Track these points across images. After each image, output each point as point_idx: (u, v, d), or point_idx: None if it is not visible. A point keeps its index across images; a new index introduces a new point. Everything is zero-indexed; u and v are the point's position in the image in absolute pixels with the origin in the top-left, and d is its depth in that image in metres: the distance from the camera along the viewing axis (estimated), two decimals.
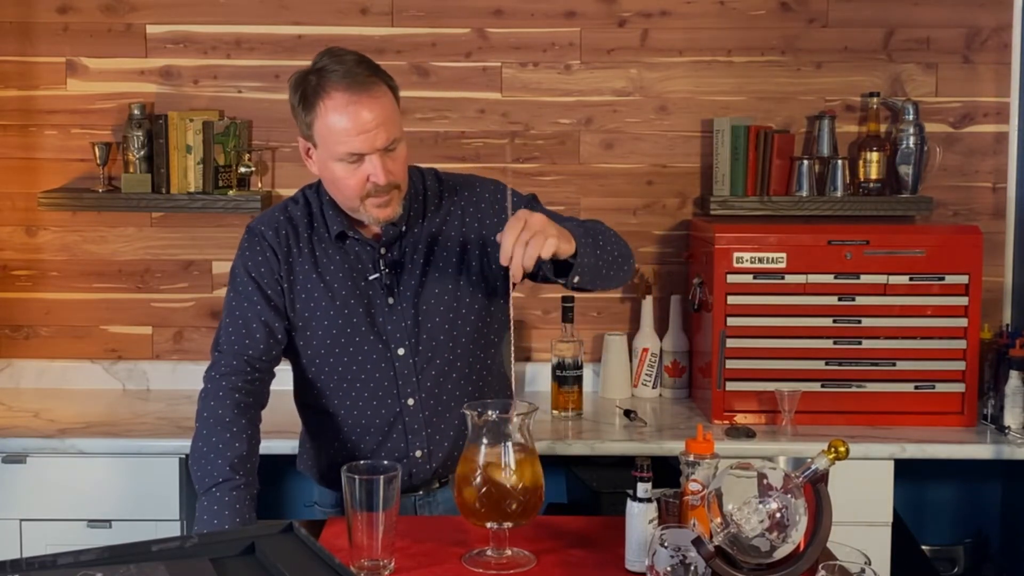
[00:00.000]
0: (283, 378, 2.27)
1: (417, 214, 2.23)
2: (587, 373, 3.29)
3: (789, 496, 1.68)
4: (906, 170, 3.32)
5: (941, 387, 3.04)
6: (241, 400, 2.13)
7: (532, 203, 2.25)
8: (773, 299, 3.04)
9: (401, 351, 2.20)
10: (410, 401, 2.20)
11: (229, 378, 2.15)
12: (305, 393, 2.29)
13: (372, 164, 2.07)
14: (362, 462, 1.85)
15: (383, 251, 2.20)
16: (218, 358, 2.18)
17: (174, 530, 2.87)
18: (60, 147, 3.42)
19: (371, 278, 2.19)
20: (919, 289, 3.03)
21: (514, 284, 1.98)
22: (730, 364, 3.05)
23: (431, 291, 2.20)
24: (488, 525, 1.85)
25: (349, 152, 2.06)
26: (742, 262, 3.02)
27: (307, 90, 2.09)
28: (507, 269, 1.93)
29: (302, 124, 2.12)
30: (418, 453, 2.22)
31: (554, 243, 1.93)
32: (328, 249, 2.21)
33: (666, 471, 2.46)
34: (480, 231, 2.23)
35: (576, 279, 2.06)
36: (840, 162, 3.33)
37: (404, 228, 2.20)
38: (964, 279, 3.02)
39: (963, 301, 3.02)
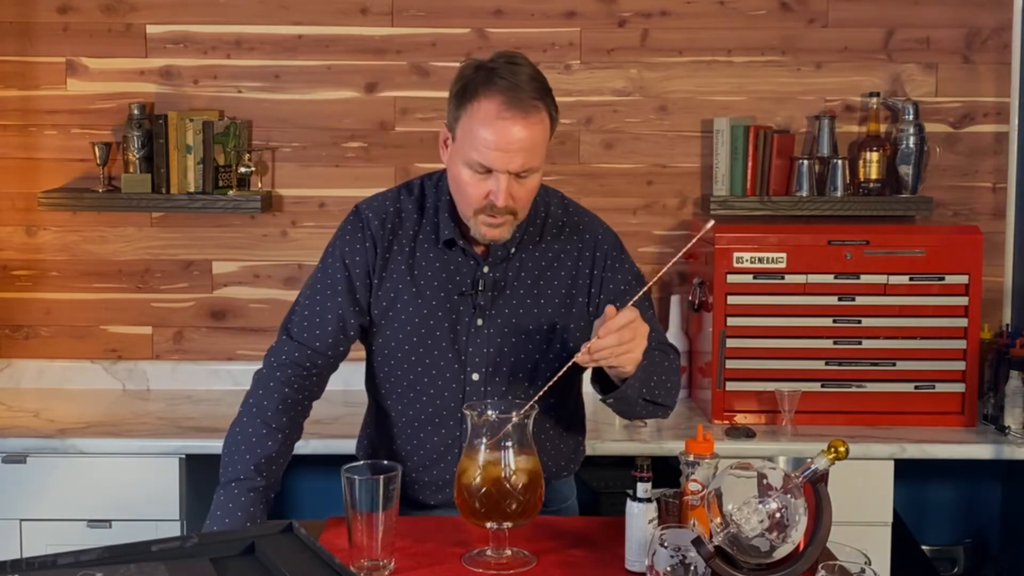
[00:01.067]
0: None
1: (531, 239, 2.13)
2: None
3: (789, 496, 1.67)
4: (906, 170, 3.32)
5: (941, 387, 3.04)
6: (290, 396, 2.08)
7: (642, 281, 2.18)
8: (773, 299, 3.04)
9: (476, 376, 2.10)
10: None
11: (285, 370, 2.09)
12: (373, 387, 2.22)
13: (497, 182, 1.97)
14: (362, 462, 1.85)
15: (486, 269, 2.11)
16: (282, 343, 2.11)
17: (174, 530, 2.87)
18: (60, 147, 3.42)
19: (466, 294, 2.10)
20: (919, 289, 3.03)
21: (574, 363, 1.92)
22: (730, 364, 3.05)
23: (525, 323, 2.10)
24: (488, 525, 1.85)
25: (480, 163, 1.97)
26: (742, 262, 3.02)
27: (469, 84, 1.98)
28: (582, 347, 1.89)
29: (451, 114, 2.02)
30: None
31: (630, 368, 1.93)
32: (429, 252, 2.11)
33: (666, 471, 2.46)
34: (588, 280, 2.15)
35: (610, 401, 2.06)
36: (840, 162, 3.33)
37: (513, 251, 2.11)
38: (964, 279, 3.02)
39: (963, 301, 3.02)
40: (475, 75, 1.99)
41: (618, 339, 1.86)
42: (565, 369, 1.94)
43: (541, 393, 1.91)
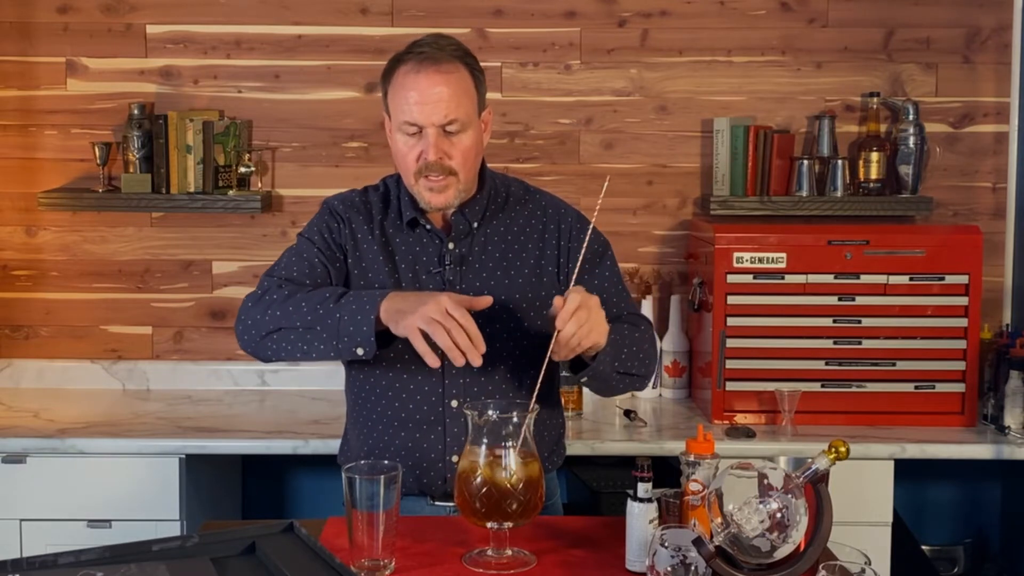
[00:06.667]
0: (284, 378, 2.25)
1: (493, 215, 2.19)
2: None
3: (790, 496, 1.68)
4: (906, 170, 3.32)
5: (941, 387, 3.04)
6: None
7: (606, 251, 2.23)
8: (773, 299, 3.04)
9: None
10: (454, 403, 2.13)
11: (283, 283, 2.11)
12: (353, 379, 2.23)
13: (426, 138, 2.05)
14: (363, 462, 1.85)
15: (451, 245, 2.16)
16: (263, 280, 2.15)
17: (174, 530, 2.87)
18: (60, 147, 3.42)
19: (433, 271, 2.15)
20: (919, 289, 3.03)
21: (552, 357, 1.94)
22: (730, 364, 3.05)
23: (496, 294, 2.10)
24: (488, 525, 1.85)
25: (407, 121, 2.05)
26: (742, 262, 3.02)
27: (391, 65, 2.11)
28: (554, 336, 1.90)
29: (384, 97, 2.13)
30: (454, 458, 2.11)
31: (601, 341, 1.94)
32: (396, 236, 2.17)
33: (666, 471, 2.47)
34: (556, 251, 2.19)
35: (584, 379, 2.06)
36: (840, 162, 3.33)
37: (476, 224, 2.17)
38: (964, 279, 3.02)
39: (963, 301, 3.02)
40: (395, 56, 2.12)
41: (576, 324, 1.89)
42: (546, 365, 1.95)
43: (536, 391, 1.92)
